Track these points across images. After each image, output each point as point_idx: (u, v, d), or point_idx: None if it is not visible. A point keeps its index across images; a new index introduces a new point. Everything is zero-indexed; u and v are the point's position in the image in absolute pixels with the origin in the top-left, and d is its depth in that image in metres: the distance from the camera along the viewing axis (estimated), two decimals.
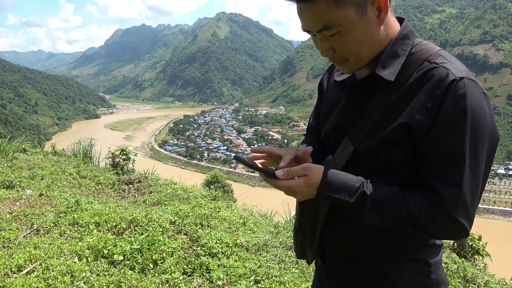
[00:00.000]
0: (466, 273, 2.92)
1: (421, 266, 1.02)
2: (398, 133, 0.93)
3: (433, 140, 0.89)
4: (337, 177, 0.95)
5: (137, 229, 3.08)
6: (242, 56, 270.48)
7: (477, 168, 0.88)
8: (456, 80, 0.88)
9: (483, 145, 0.89)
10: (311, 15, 0.90)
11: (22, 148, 6.21)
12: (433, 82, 0.90)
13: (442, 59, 0.93)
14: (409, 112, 0.92)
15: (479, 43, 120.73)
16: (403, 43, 0.98)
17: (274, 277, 2.53)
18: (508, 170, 72.71)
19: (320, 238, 1.11)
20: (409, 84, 0.94)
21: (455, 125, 0.87)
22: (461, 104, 0.87)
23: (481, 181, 0.90)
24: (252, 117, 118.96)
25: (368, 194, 0.92)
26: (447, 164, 0.89)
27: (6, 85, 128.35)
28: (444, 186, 0.88)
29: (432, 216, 0.89)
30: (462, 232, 0.90)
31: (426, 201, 0.90)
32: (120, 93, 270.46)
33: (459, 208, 0.88)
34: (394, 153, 0.95)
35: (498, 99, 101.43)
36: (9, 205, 3.52)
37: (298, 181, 0.94)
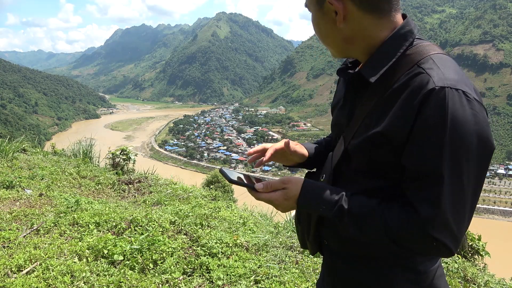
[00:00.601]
0: (466, 273, 2.92)
1: (409, 274, 0.97)
2: (378, 140, 0.89)
3: (410, 153, 0.84)
4: (315, 190, 0.95)
5: (137, 229, 3.08)
6: (242, 56, 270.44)
7: (460, 185, 0.82)
8: (434, 89, 0.81)
9: (468, 159, 0.82)
10: None
11: (22, 148, 6.21)
12: (412, 89, 0.84)
13: (430, 65, 0.86)
14: (388, 120, 0.87)
15: (479, 43, 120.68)
16: (395, 44, 0.93)
17: (274, 277, 2.53)
18: (508, 170, 72.69)
19: (316, 232, 1.11)
20: (394, 89, 0.89)
21: (432, 138, 0.81)
22: (439, 115, 0.80)
23: (469, 197, 0.84)
24: (252, 117, 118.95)
25: (345, 208, 0.91)
26: (424, 181, 0.83)
27: (6, 85, 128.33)
28: (421, 203, 0.84)
29: (410, 233, 0.85)
30: (445, 251, 0.85)
31: (405, 217, 0.86)
32: (120, 93, 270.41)
33: (438, 227, 0.82)
34: (377, 156, 0.92)
35: (498, 99, 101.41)
36: (9, 205, 3.52)
37: (277, 194, 0.96)
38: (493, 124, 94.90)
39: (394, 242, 0.88)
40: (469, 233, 3.64)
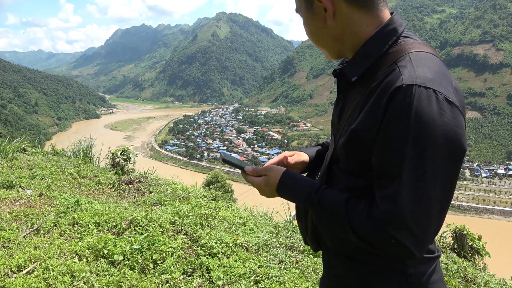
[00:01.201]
0: (466, 273, 2.92)
1: (399, 276, 0.95)
2: (352, 138, 0.91)
3: (377, 149, 0.85)
4: (292, 181, 1.03)
5: (137, 229, 3.08)
6: (242, 56, 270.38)
7: (423, 184, 0.80)
8: (401, 87, 0.81)
9: (433, 159, 0.80)
10: None
11: (22, 148, 6.21)
12: (383, 87, 0.85)
13: (406, 62, 0.86)
14: (360, 118, 0.88)
15: (479, 43, 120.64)
16: (379, 42, 0.92)
17: (274, 277, 2.53)
18: (508, 170, 72.68)
19: (313, 230, 1.13)
20: (373, 87, 0.89)
21: (394, 136, 0.81)
22: (403, 113, 0.80)
23: (435, 198, 0.82)
24: (252, 117, 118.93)
25: (315, 200, 0.96)
26: (385, 177, 0.84)
27: (6, 85, 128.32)
28: (381, 199, 0.84)
29: (369, 229, 0.86)
30: (405, 251, 0.83)
31: (365, 212, 0.87)
32: (120, 93, 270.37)
33: (395, 224, 0.82)
34: (355, 155, 0.92)
35: (498, 99, 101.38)
36: (9, 205, 3.52)
37: (260, 179, 1.07)
38: (493, 124, 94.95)
39: (358, 237, 0.88)
40: (469, 233, 3.64)
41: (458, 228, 3.64)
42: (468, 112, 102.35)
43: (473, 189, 65.14)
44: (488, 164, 79.67)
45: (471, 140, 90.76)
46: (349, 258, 1.03)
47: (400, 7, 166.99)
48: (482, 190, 65.03)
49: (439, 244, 3.70)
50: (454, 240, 3.68)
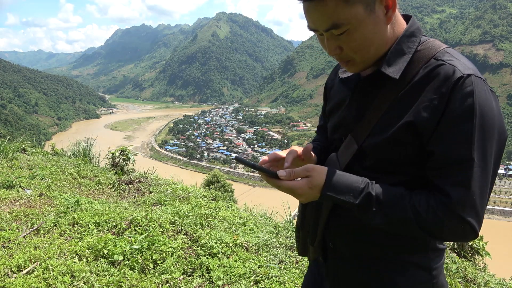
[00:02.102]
0: (466, 273, 2.92)
1: (423, 272, 0.99)
2: (404, 132, 0.91)
3: (440, 139, 0.87)
4: (340, 178, 0.92)
5: (137, 229, 3.08)
6: (242, 56, 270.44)
7: (486, 168, 0.86)
8: (463, 77, 0.86)
9: (492, 143, 0.86)
10: (319, 13, 0.88)
11: (22, 148, 6.21)
12: (439, 79, 0.88)
13: (449, 57, 0.91)
14: (415, 110, 0.90)
15: (479, 43, 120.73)
16: (409, 41, 0.97)
17: (274, 277, 2.53)
18: (508, 170, 72.70)
19: (322, 236, 1.10)
20: (415, 82, 0.92)
21: (462, 123, 0.85)
22: (468, 102, 0.84)
23: (490, 180, 0.88)
24: (252, 117, 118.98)
25: (373, 195, 0.90)
26: (455, 164, 0.86)
27: (6, 85, 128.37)
28: (452, 186, 0.86)
29: (439, 217, 0.87)
30: (471, 233, 0.88)
31: (433, 202, 0.88)
32: (120, 93, 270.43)
33: (468, 208, 0.86)
34: (399, 152, 0.93)
35: (498, 99, 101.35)
36: (9, 205, 3.52)
37: (301, 183, 0.92)
38: None
39: (422, 228, 0.88)
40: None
41: None
42: None
43: None
44: None
45: None
46: (367, 261, 1.02)
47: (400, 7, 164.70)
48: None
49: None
50: None
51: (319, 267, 1.22)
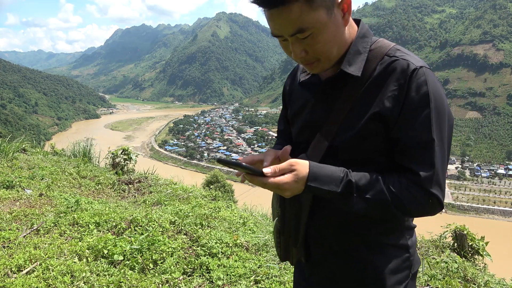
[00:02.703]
0: (466, 273, 2.91)
1: (402, 251, 1.09)
2: (372, 123, 0.99)
3: (404, 125, 0.97)
4: (322, 169, 0.97)
5: (137, 229, 3.08)
6: (242, 56, 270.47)
7: (443, 146, 0.98)
8: (416, 69, 0.97)
9: (445, 125, 0.98)
10: (284, 19, 0.93)
11: (22, 148, 6.21)
12: (397, 73, 0.99)
13: (401, 53, 1.02)
14: (379, 102, 0.99)
15: (479, 43, 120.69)
16: (363, 41, 1.06)
17: (274, 277, 2.53)
18: (508, 170, 72.70)
19: (304, 235, 1.14)
20: (374, 77, 1.02)
21: (421, 109, 0.96)
22: (423, 89, 0.96)
23: (446, 157, 1.00)
24: (252, 117, 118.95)
25: (353, 181, 0.96)
26: (419, 146, 0.96)
27: (6, 85, 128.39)
28: (419, 165, 0.96)
29: (412, 194, 0.96)
30: (438, 205, 0.98)
31: (405, 181, 0.97)
32: (120, 93, 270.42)
33: (434, 183, 0.96)
34: (370, 143, 1.01)
35: (498, 99, 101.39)
36: (9, 205, 3.52)
37: (287, 177, 0.94)
38: (493, 124, 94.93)
39: (397, 207, 0.97)
40: (469, 233, 3.64)
41: (458, 228, 3.64)
42: (468, 112, 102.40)
43: (473, 189, 65.17)
44: (488, 164, 79.69)
45: (471, 140, 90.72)
46: (350, 250, 1.08)
47: (400, 7, 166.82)
48: (482, 190, 65.04)
49: (439, 244, 3.70)
50: (454, 240, 3.68)
51: (302, 267, 1.25)
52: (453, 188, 65.41)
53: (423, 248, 3.63)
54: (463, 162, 79.36)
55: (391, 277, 1.07)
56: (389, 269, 1.07)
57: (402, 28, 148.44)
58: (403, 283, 1.09)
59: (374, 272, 1.07)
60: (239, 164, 0.95)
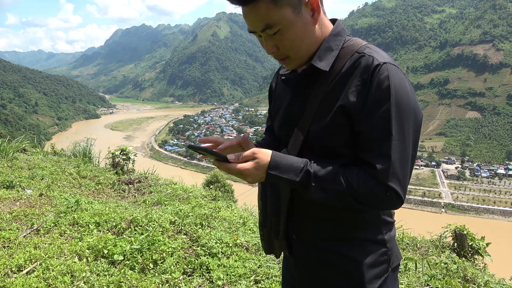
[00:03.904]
0: (466, 273, 2.91)
1: (379, 246, 1.12)
2: (338, 116, 1.04)
3: (365, 118, 1.01)
4: (283, 159, 1.03)
5: (137, 229, 3.08)
6: (242, 56, 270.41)
7: (404, 141, 0.99)
8: (380, 64, 1.01)
9: (408, 120, 1.00)
10: (254, 16, 1.02)
11: (22, 148, 6.21)
12: (361, 68, 1.03)
13: (369, 50, 1.06)
14: (344, 96, 1.03)
15: (479, 43, 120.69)
16: (336, 39, 1.11)
17: (274, 277, 2.53)
18: (508, 170, 72.66)
19: (285, 228, 1.18)
20: (342, 73, 1.06)
21: (381, 103, 0.99)
22: (385, 84, 0.99)
23: (410, 153, 1.01)
24: (252, 117, 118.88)
25: (311, 172, 1.01)
26: (377, 139, 1.00)
27: (6, 85, 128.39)
28: (376, 158, 0.99)
29: (368, 187, 0.99)
30: (397, 199, 1.00)
31: (363, 174, 1.00)
32: (120, 93, 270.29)
33: (390, 176, 0.98)
34: (337, 136, 1.05)
35: (498, 99, 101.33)
36: (9, 205, 3.53)
37: (248, 164, 1.01)
38: (493, 124, 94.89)
39: (355, 199, 1.00)
40: (469, 233, 3.64)
41: (458, 228, 3.64)
42: (468, 112, 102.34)
43: (473, 189, 65.15)
44: (488, 164, 79.65)
45: (471, 140, 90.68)
46: (329, 243, 1.12)
47: (400, 7, 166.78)
48: (482, 190, 65.03)
49: (439, 244, 3.70)
50: (454, 240, 3.68)
51: (288, 260, 1.29)
52: (453, 188, 65.40)
53: (423, 248, 3.63)
54: (463, 162, 79.34)
55: (369, 271, 1.10)
56: (367, 263, 1.10)
57: (402, 28, 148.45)
58: (381, 276, 1.12)
59: (352, 266, 1.10)
60: (206, 149, 1.04)
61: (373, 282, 1.11)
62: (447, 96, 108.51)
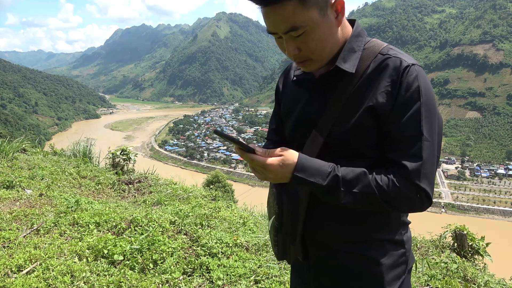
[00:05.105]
0: (466, 273, 2.92)
1: (398, 246, 1.11)
2: (366, 117, 1.03)
3: (396, 118, 1.00)
4: (310, 162, 1.01)
5: (137, 229, 3.08)
6: (242, 56, 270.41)
7: (433, 141, 1.00)
8: (408, 66, 1.02)
9: (434, 121, 1.02)
10: (279, 17, 0.97)
11: (22, 148, 6.21)
12: (389, 69, 1.03)
13: (393, 52, 1.07)
14: (372, 97, 1.03)
15: (479, 43, 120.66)
16: (357, 40, 1.10)
17: (274, 277, 2.53)
18: (508, 170, 72.66)
19: (302, 232, 1.15)
20: (368, 74, 1.06)
21: (412, 104, 0.99)
22: (415, 85, 1.00)
23: (436, 153, 1.02)
24: (252, 117, 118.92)
25: (339, 176, 0.99)
26: (408, 139, 0.99)
27: (6, 85, 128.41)
28: (407, 158, 0.98)
29: (399, 188, 0.98)
30: (426, 200, 0.99)
31: (392, 175, 0.99)
32: (120, 93, 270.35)
33: (422, 176, 0.98)
34: (363, 138, 1.04)
35: (498, 99, 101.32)
36: (9, 205, 3.53)
37: (273, 159, 0.99)
38: (493, 124, 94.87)
39: (385, 201, 0.99)
40: (469, 233, 3.64)
41: (458, 228, 3.64)
42: (468, 112, 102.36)
43: (473, 189, 65.15)
44: (488, 164, 79.66)
45: (471, 140, 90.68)
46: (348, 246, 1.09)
47: (400, 7, 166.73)
48: (482, 190, 65.03)
49: (439, 244, 3.70)
50: (454, 240, 3.68)
51: (299, 267, 1.26)
52: (453, 188, 65.39)
53: (423, 248, 3.63)
54: (463, 162, 79.32)
55: (389, 273, 1.08)
56: (387, 264, 1.08)
57: (402, 28, 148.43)
58: (400, 278, 1.11)
59: (372, 268, 1.08)
60: (233, 138, 1.01)
61: (393, 283, 1.09)
62: (447, 96, 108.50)
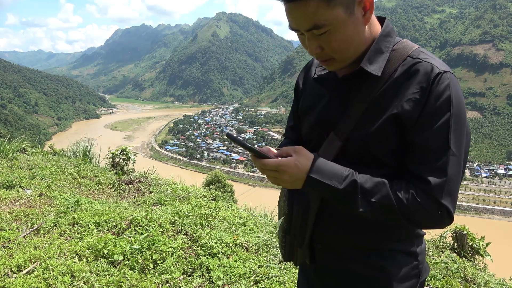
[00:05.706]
0: (466, 273, 2.92)
1: (411, 258, 1.05)
2: (389, 124, 0.96)
3: (421, 129, 0.93)
4: (326, 164, 0.95)
5: (137, 229, 3.08)
6: (242, 56, 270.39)
7: (460, 156, 0.92)
8: (441, 73, 0.93)
9: (464, 134, 0.94)
10: (301, 14, 0.91)
11: (22, 148, 6.21)
12: (419, 75, 0.95)
13: (424, 55, 0.98)
14: (398, 103, 0.95)
15: (479, 43, 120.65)
16: (386, 41, 1.02)
17: (274, 277, 2.53)
18: (508, 170, 72.66)
19: (310, 236, 1.11)
20: (395, 78, 0.98)
21: (441, 114, 0.91)
22: (446, 95, 0.92)
23: (462, 169, 0.94)
24: (252, 117, 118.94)
25: (358, 182, 0.93)
26: (433, 152, 0.92)
27: (6, 85, 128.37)
28: (430, 172, 0.91)
29: (419, 203, 0.91)
30: (448, 218, 0.92)
31: (413, 189, 0.92)
32: (120, 93, 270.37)
33: (445, 193, 0.90)
34: (383, 145, 0.97)
35: (498, 99, 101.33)
36: (9, 205, 3.52)
37: (287, 159, 0.93)
38: (493, 124, 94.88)
39: (403, 215, 0.92)
40: (469, 233, 3.64)
41: (458, 228, 3.64)
42: (468, 112, 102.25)
43: (473, 189, 65.14)
44: (488, 164, 79.68)
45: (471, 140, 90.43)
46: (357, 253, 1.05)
47: (400, 7, 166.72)
48: (482, 190, 65.01)
49: (439, 244, 3.70)
50: (454, 240, 3.68)
51: (306, 270, 1.23)
52: None
53: None
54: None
55: (399, 285, 1.03)
56: (398, 276, 1.03)
57: (402, 28, 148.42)
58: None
59: (382, 279, 1.04)
60: (245, 144, 0.95)
61: None
62: None
